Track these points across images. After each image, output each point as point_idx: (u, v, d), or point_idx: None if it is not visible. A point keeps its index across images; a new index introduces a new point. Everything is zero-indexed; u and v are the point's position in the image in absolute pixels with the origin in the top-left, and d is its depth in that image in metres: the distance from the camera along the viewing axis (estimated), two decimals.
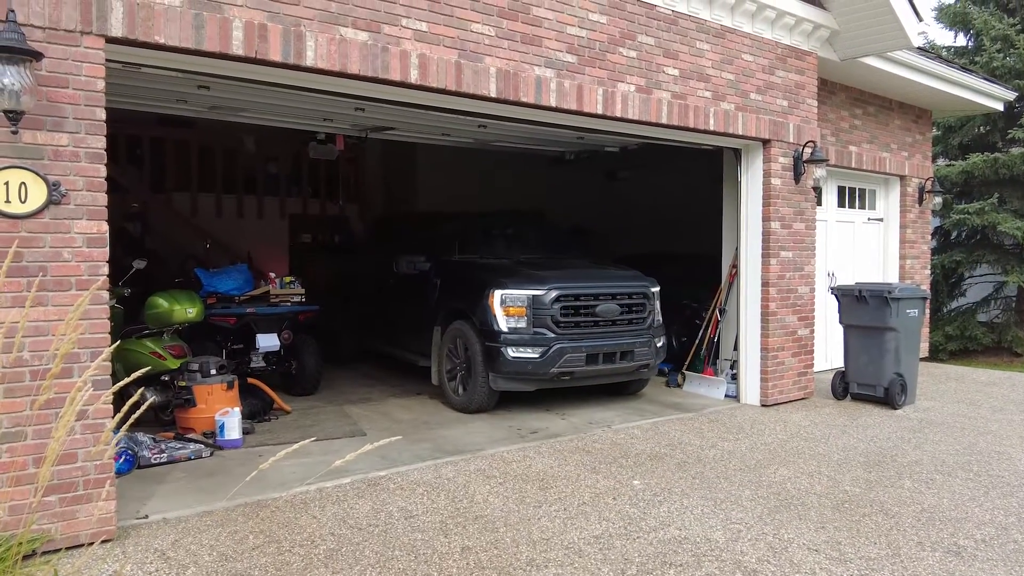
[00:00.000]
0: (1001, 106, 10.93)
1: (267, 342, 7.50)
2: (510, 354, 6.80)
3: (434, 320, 7.70)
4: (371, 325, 9.43)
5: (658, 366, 7.89)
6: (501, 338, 6.84)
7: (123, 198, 10.73)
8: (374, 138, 8.67)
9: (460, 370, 7.25)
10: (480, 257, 8.11)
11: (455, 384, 7.30)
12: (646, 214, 12.17)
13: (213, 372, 6.23)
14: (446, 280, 7.80)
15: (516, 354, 6.81)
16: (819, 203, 8.79)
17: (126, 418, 2.53)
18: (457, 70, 5.30)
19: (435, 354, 7.68)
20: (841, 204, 9.95)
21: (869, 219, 10.39)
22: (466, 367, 7.16)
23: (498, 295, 6.93)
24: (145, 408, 2.66)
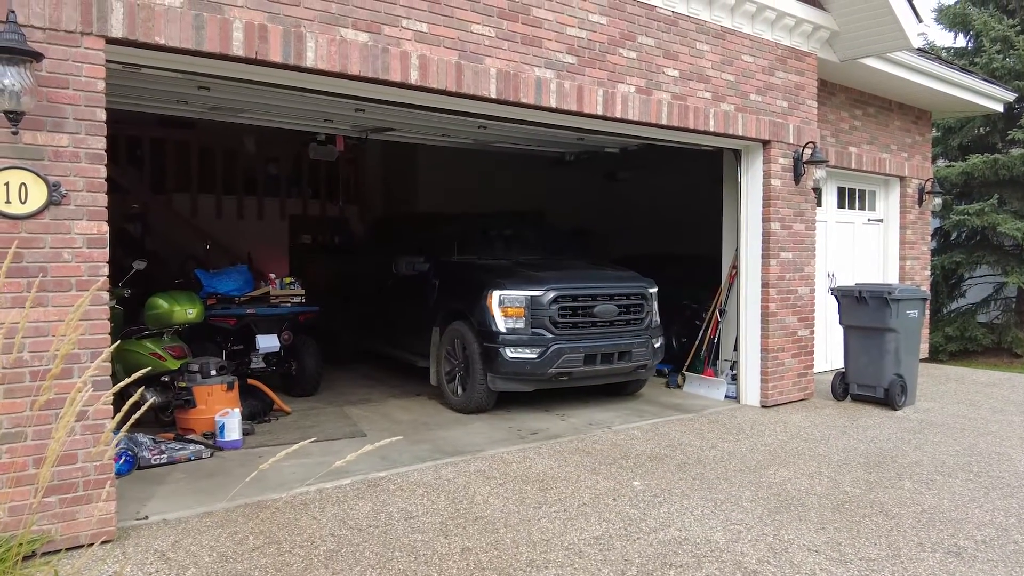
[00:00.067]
0: (1001, 107, 10.94)
1: (267, 343, 7.50)
2: (508, 354, 6.80)
3: (433, 321, 7.70)
4: (370, 326, 9.44)
5: (656, 366, 7.90)
6: (499, 338, 6.85)
7: (123, 199, 10.74)
8: (374, 139, 8.67)
9: (459, 371, 7.25)
10: (479, 258, 8.11)
11: (454, 385, 7.30)
12: (646, 215, 12.18)
13: (213, 373, 6.23)
14: (445, 281, 7.81)
15: (514, 354, 6.81)
16: (819, 204, 8.79)
17: (126, 419, 2.53)
18: (457, 71, 5.30)
19: (434, 355, 7.69)
20: (841, 205, 9.95)
21: (869, 220, 10.40)
22: (464, 367, 7.16)
23: (496, 296, 6.93)
24: (145, 409, 2.65)
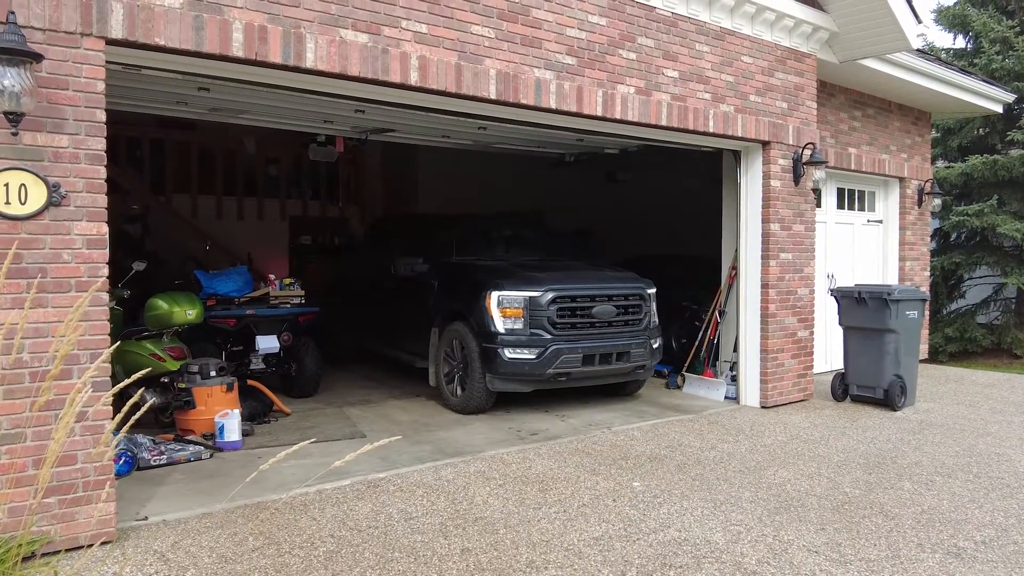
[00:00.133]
0: (1000, 108, 10.95)
1: (267, 344, 7.50)
2: (507, 355, 6.81)
3: (432, 322, 7.70)
4: (370, 327, 9.44)
5: (655, 367, 7.90)
6: (498, 339, 6.85)
7: (123, 200, 10.75)
8: (374, 140, 8.68)
9: (458, 371, 7.25)
10: (478, 259, 8.12)
11: (453, 385, 7.31)
12: (646, 216, 12.18)
13: (213, 374, 6.23)
14: (444, 282, 7.81)
15: (513, 355, 6.82)
16: (818, 205, 8.79)
17: (126, 420, 2.53)
18: (457, 72, 5.31)
19: (433, 355, 7.69)
20: (840, 206, 9.96)
21: (868, 221, 10.40)
22: (463, 368, 7.16)
23: (495, 296, 6.94)
24: (145, 410, 2.66)
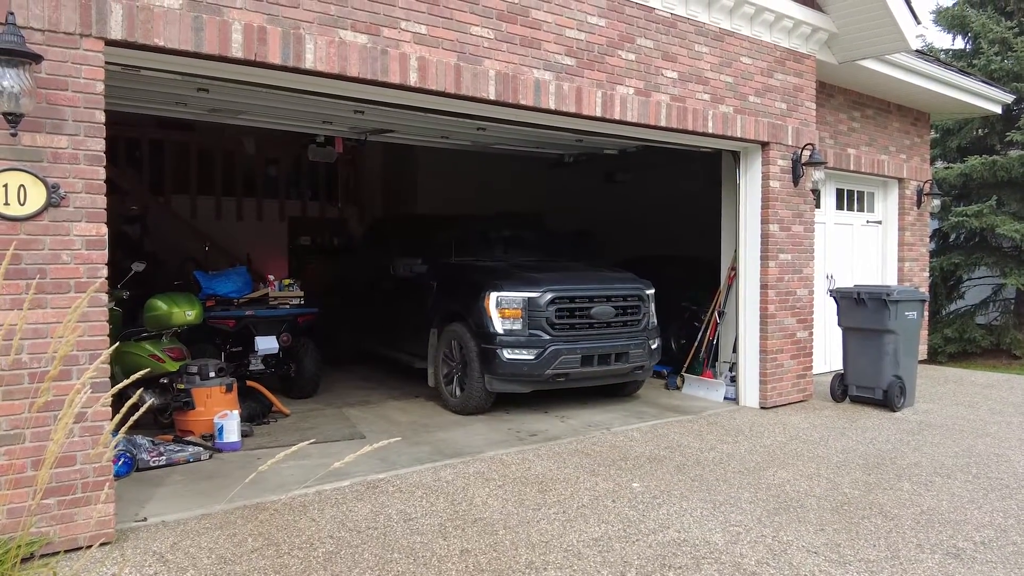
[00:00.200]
0: (999, 109, 10.96)
1: (266, 345, 7.49)
2: (506, 356, 6.81)
3: (431, 322, 7.70)
4: (369, 327, 9.44)
5: (653, 368, 7.90)
6: (497, 340, 6.85)
7: (122, 201, 10.74)
8: (373, 141, 8.68)
9: (456, 372, 7.26)
10: (476, 259, 8.12)
11: (452, 386, 7.31)
12: (645, 216, 12.19)
13: (212, 375, 6.23)
14: (442, 282, 7.81)
15: (511, 356, 6.82)
16: (817, 205, 8.79)
17: (125, 420, 2.53)
18: (456, 73, 5.31)
19: (432, 356, 7.69)
20: (840, 206, 9.96)
21: (868, 221, 10.41)
22: (462, 369, 7.16)
23: (494, 297, 6.94)
24: (144, 411, 2.65)
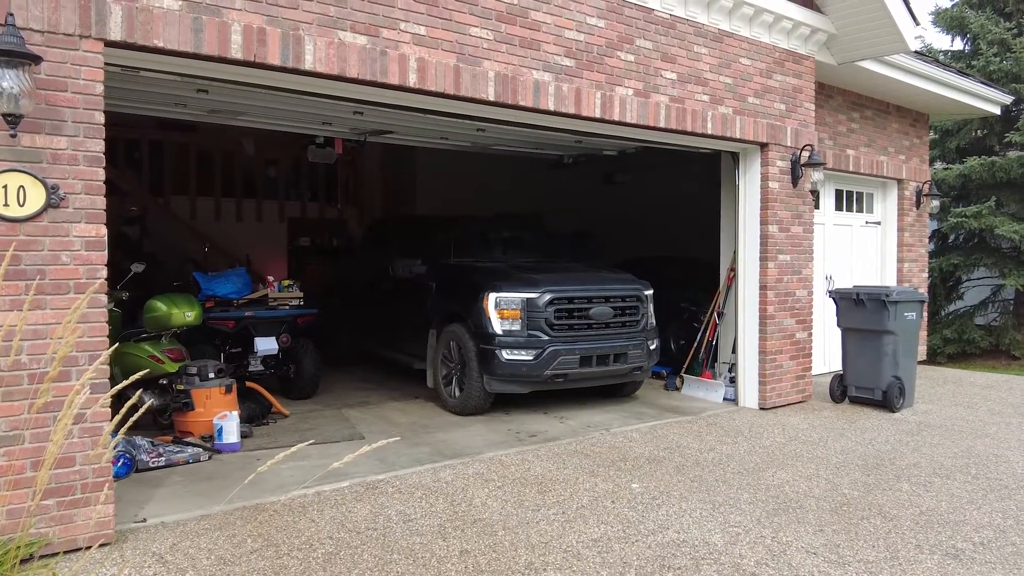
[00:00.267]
0: (998, 110, 10.97)
1: (265, 346, 7.50)
2: (504, 356, 6.82)
3: (430, 323, 7.71)
4: (368, 328, 9.44)
5: (652, 368, 7.91)
6: (495, 340, 6.86)
7: (122, 201, 10.74)
8: (372, 141, 8.68)
9: (455, 373, 7.26)
10: (476, 260, 8.12)
11: (451, 387, 7.31)
12: (644, 217, 12.20)
13: (211, 376, 6.23)
14: (441, 283, 7.81)
15: (510, 356, 6.82)
16: (817, 206, 8.80)
17: (124, 421, 2.53)
18: (455, 74, 5.31)
19: (431, 357, 7.69)
20: (839, 207, 9.97)
21: (867, 222, 10.41)
22: (461, 370, 7.17)
23: (492, 298, 6.94)
24: (143, 412, 2.66)
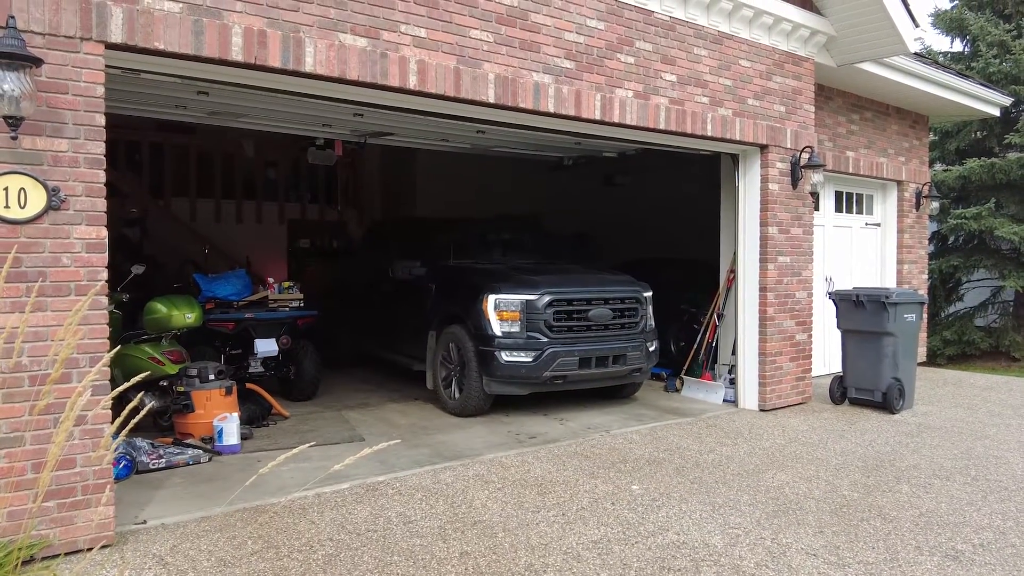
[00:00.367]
0: (998, 111, 10.98)
1: (265, 347, 7.50)
2: (504, 358, 6.82)
3: (429, 325, 7.72)
4: (368, 330, 9.45)
5: (651, 370, 7.92)
6: (495, 342, 6.87)
7: (122, 203, 10.75)
8: (372, 143, 8.69)
9: (455, 374, 7.27)
10: (475, 262, 8.13)
11: (451, 389, 7.32)
12: (644, 219, 12.20)
13: (211, 377, 6.24)
14: (441, 285, 7.82)
15: (510, 358, 6.83)
16: (816, 208, 8.81)
17: (125, 423, 2.53)
18: (456, 76, 5.32)
19: (430, 359, 7.70)
20: (839, 209, 9.97)
21: (866, 224, 10.42)
22: (460, 371, 7.18)
23: (492, 300, 6.95)
24: (144, 413, 2.66)
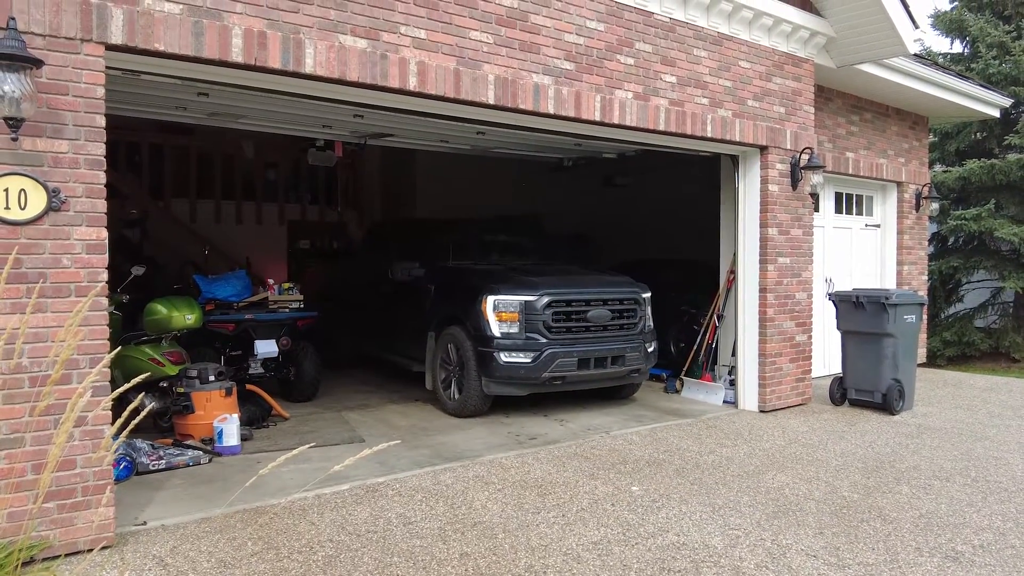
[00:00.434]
0: (997, 112, 10.98)
1: (265, 348, 7.51)
2: (503, 359, 6.83)
3: (428, 326, 7.72)
4: (368, 331, 9.45)
5: (650, 371, 7.92)
6: (494, 343, 6.87)
7: (122, 205, 10.75)
8: (372, 145, 8.69)
9: (454, 375, 7.27)
10: (474, 263, 8.13)
11: (450, 390, 7.32)
12: (644, 220, 12.21)
13: (211, 378, 6.24)
14: (440, 286, 7.83)
15: (508, 359, 6.84)
16: (816, 209, 8.81)
17: (126, 424, 2.53)
18: (455, 77, 5.32)
19: (429, 360, 7.70)
20: (838, 210, 9.97)
21: (866, 225, 10.42)
22: (460, 372, 7.18)
23: (491, 300, 6.96)
24: (144, 415, 2.66)
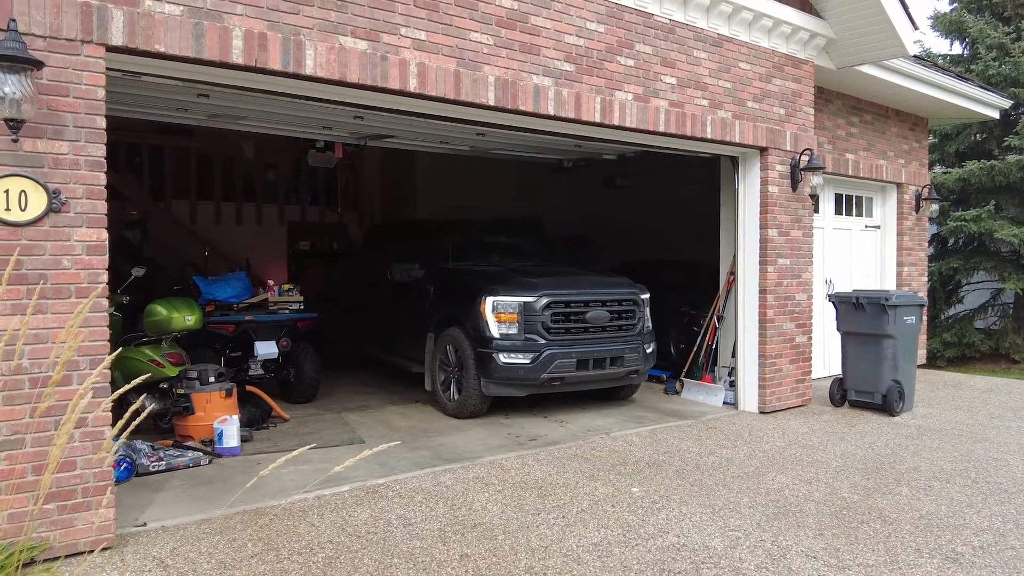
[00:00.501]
0: (997, 114, 10.99)
1: (265, 350, 7.51)
2: (501, 360, 6.84)
3: (428, 327, 7.73)
4: (367, 332, 9.45)
5: (649, 372, 7.93)
6: (493, 344, 6.88)
7: (122, 206, 10.76)
8: (372, 146, 8.70)
9: (453, 376, 7.28)
10: (473, 264, 8.14)
11: (450, 391, 7.32)
12: (644, 221, 12.21)
13: (211, 380, 6.23)
14: (439, 287, 7.84)
15: (507, 360, 6.85)
16: (816, 210, 8.81)
17: (126, 426, 2.54)
18: (456, 79, 5.33)
19: (429, 361, 7.71)
20: (838, 211, 9.98)
21: (866, 226, 10.42)
22: (459, 373, 7.19)
23: (490, 302, 6.97)
24: (144, 416, 2.66)
